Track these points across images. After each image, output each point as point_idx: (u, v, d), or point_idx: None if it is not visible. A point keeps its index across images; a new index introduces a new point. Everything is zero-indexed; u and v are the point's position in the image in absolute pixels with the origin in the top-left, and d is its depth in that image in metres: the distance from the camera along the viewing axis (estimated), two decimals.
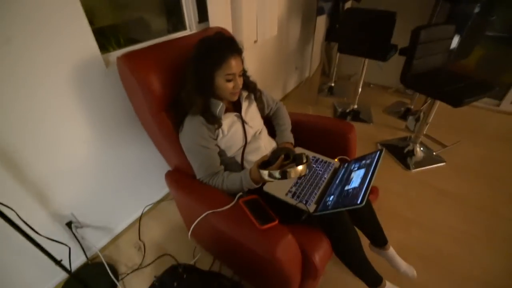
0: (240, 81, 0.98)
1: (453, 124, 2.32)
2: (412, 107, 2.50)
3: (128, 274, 1.30)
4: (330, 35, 2.45)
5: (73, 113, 1.07)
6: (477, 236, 1.42)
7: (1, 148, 0.89)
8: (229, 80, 0.94)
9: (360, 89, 2.38)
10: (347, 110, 2.53)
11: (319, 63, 3.18)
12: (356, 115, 2.48)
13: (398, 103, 2.68)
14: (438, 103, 1.71)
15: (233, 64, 0.92)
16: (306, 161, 0.81)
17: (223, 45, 0.92)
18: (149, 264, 1.34)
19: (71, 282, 1.24)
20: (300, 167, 0.77)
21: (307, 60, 3.03)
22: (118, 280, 1.26)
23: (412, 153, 1.95)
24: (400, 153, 1.99)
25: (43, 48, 0.89)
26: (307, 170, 0.84)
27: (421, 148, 1.99)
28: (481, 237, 1.41)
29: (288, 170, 0.77)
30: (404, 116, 2.47)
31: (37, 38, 0.87)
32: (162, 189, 1.69)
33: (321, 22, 2.50)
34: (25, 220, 0.93)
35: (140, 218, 1.56)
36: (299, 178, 1.04)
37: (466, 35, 1.89)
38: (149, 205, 1.62)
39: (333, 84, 2.95)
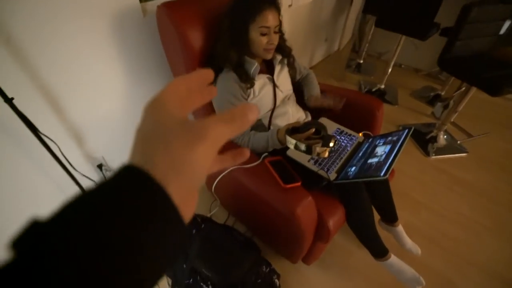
0: (275, 37, 0.96)
1: (483, 115, 2.23)
2: (443, 93, 2.40)
3: None
4: (368, 7, 2.30)
5: (110, 61, 1.09)
6: (487, 226, 1.43)
7: (48, 87, 0.94)
8: (263, 34, 0.94)
9: (390, 69, 2.29)
10: (373, 89, 2.45)
11: (351, 37, 3.03)
12: (381, 95, 2.40)
13: (428, 87, 2.57)
14: (472, 91, 1.63)
15: (269, 17, 0.91)
16: (333, 145, 0.81)
17: None
18: None
19: None
20: (325, 148, 0.79)
21: (338, 32, 2.89)
22: None
23: (434, 139, 1.91)
24: (422, 138, 1.95)
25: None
26: (329, 154, 0.85)
27: (445, 136, 1.94)
28: (490, 228, 1.42)
29: (314, 146, 0.78)
30: (431, 102, 2.38)
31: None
32: None
33: None
34: (65, 155, 1.01)
35: None
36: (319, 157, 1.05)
37: None
38: None
39: (361, 61, 2.83)
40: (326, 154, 0.81)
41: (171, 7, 0.92)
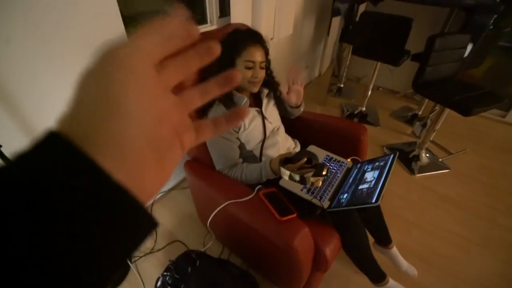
0: (260, 72, 1.02)
1: (458, 132, 2.37)
2: (420, 113, 2.54)
3: (140, 257, 1.35)
4: (344, 37, 2.48)
5: None
6: (475, 241, 1.47)
7: (31, 124, 0.93)
8: (248, 68, 0.99)
9: (369, 92, 2.42)
10: (355, 112, 2.56)
11: (330, 63, 3.21)
12: (363, 117, 2.51)
13: (405, 108, 2.72)
14: (447, 111, 1.75)
15: (254, 52, 0.97)
16: (326, 174, 0.85)
17: (248, 35, 0.99)
18: (160, 249, 1.39)
19: None
20: (318, 178, 0.82)
21: (318, 59, 3.06)
22: (131, 262, 1.32)
23: (417, 158, 2.00)
24: (406, 157, 2.03)
25: (74, 31, 0.93)
26: (322, 182, 0.88)
27: (427, 154, 2.04)
28: (478, 243, 1.47)
29: (307, 176, 0.81)
30: (410, 121, 2.51)
31: (67, 22, 0.90)
32: (174, 177, 1.74)
33: (336, 23, 2.52)
34: None
35: (151, 205, 1.61)
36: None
37: (479, 45, 1.92)
38: (161, 193, 1.67)
39: (342, 85, 2.98)
40: (320, 183, 0.84)
41: None
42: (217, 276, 1.10)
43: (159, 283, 1.06)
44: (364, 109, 2.55)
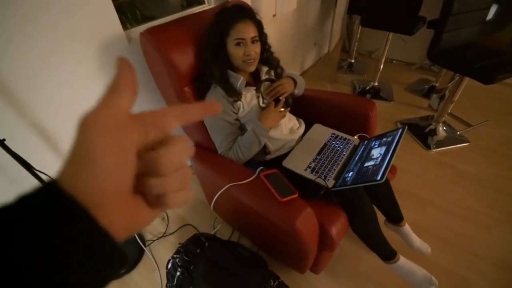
0: (252, 47, 0.96)
1: (481, 103, 2.21)
2: (437, 84, 2.39)
3: (153, 241, 1.40)
4: (352, 8, 2.32)
5: (99, 90, 1.11)
6: (496, 218, 1.40)
7: (39, 122, 0.95)
8: (238, 44, 0.94)
9: (382, 66, 2.29)
10: (367, 88, 2.45)
11: (339, 38, 3.05)
12: (376, 93, 2.40)
13: (422, 80, 2.56)
14: (466, 81, 1.63)
15: (242, 28, 0.93)
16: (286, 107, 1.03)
17: (233, 12, 0.94)
18: (172, 233, 1.43)
19: None
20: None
21: (327, 35, 2.91)
22: (145, 246, 1.37)
23: (434, 132, 1.90)
24: (421, 132, 1.93)
25: (69, 23, 0.92)
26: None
27: (444, 128, 1.92)
28: (500, 219, 1.39)
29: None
30: (427, 94, 2.37)
31: (62, 14, 0.89)
32: None
33: None
34: None
35: None
36: (318, 154, 1.05)
37: (505, 4, 1.74)
38: None
39: (353, 61, 2.84)
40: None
41: (153, 33, 0.94)
42: (226, 258, 1.11)
43: (169, 265, 1.09)
44: (376, 84, 2.42)
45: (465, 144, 1.83)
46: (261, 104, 1.01)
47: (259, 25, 0.99)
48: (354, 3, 2.27)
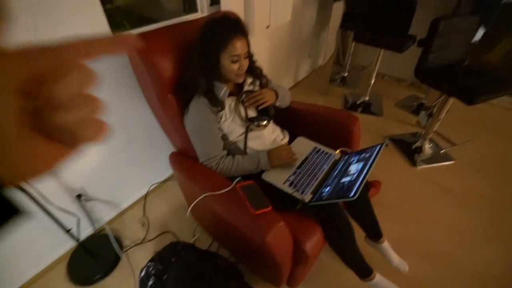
0: (245, 62, 0.99)
1: (467, 121, 2.24)
2: (426, 102, 2.42)
3: (131, 247, 1.37)
4: (346, 23, 2.37)
5: None
6: (477, 236, 1.40)
7: None
8: (234, 61, 0.95)
9: (373, 81, 2.32)
10: (358, 102, 2.47)
11: (333, 51, 3.10)
12: (367, 107, 2.42)
13: (412, 97, 2.60)
14: (451, 100, 1.65)
15: (238, 46, 0.93)
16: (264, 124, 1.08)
17: (228, 27, 0.93)
18: (151, 240, 1.41)
19: (78, 251, 1.33)
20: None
21: (321, 47, 2.96)
22: (122, 251, 1.34)
23: (420, 149, 1.92)
24: (408, 148, 1.95)
25: (55, 25, 0.92)
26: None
27: (430, 145, 1.94)
28: (480, 238, 1.40)
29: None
30: (416, 111, 2.40)
31: (49, 17, 0.89)
32: (168, 169, 1.74)
33: (338, 9, 2.41)
34: (39, 190, 1.00)
35: (146, 196, 1.63)
36: (298, 167, 1.06)
37: (491, 27, 1.78)
38: (155, 183, 1.68)
39: (346, 74, 2.87)
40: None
41: None
42: (202, 268, 1.10)
43: (143, 273, 1.07)
44: (367, 98, 2.45)
45: (450, 162, 1.85)
46: (241, 113, 1.02)
47: (247, 38, 1.00)
48: (347, 19, 2.32)
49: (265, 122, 1.07)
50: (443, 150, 1.92)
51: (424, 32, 1.84)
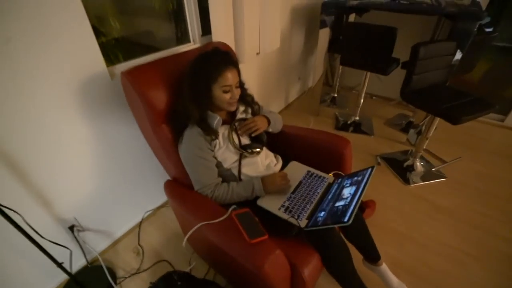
0: (237, 91, 1.03)
1: (455, 139, 2.32)
2: (414, 120, 2.51)
3: (125, 278, 1.33)
4: (332, 47, 2.49)
5: (76, 120, 1.11)
6: (471, 254, 1.41)
7: (4, 151, 0.94)
8: (226, 92, 0.99)
9: (362, 101, 2.40)
10: (349, 122, 2.54)
11: (322, 73, 3.21)
12: (357, 127, 2.49)
13: (400, 115, 2.69)
14: (438, 119, 1.72)
15: (229, 76, 0.98)
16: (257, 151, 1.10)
17: (218, 59, 0.98)
18: (146, 270, 1.37)
19: (71, 284, 1.28)
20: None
21: (310, 70, 3.07)
22: (116, 283, 1.30)
23: (411, 167, 1.96)
24: (400, 167, 1.99)
25: (51, 63, 0.95)
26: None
27: (421, 163, 1.99)
28: (474, 255, 1.40)
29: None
30: (405, 129, 2.47)
31: (46, 52, 0.93)
32: (162, 195, 1.73)
33: (324, 34, 2.54)
34: (29, 223, 0.98)
35: (140, 224, 1.60)
36: (292, 192, 1.07)
37: (468, 50, 1.90)
38: (149, 211, 1.66)
39: (335, 95, 2.97)
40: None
41: (132, 73, 0.98)
42: None
43: None
44: (357, 118, 2.53)
45: (442, 179, 1.89)
46: (235, 141, 1.05)
47: (238, 69, 1.05)
48: (333, 43, 2.44)
49: (258, 149, 1.09)
50: (435, 168, 1.97)
51: (406, 54, 1.95)
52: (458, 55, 1.87)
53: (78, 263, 1.35)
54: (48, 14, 0.89)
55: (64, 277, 1.30)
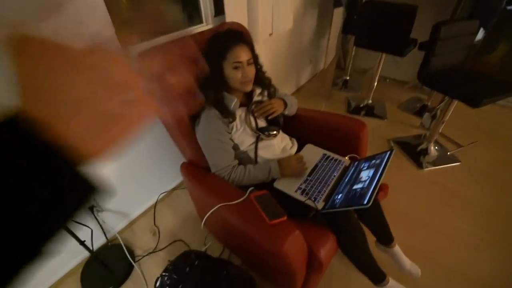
0: (249, 70, 1.01)
1: (472, 123, 2.26)
2: (429, 103, 2.44)
3: (143, 256, 1.39)
4: (347, 28, 2.40)
5: None
6: (485, 239, 1.41)
7: None
8: (236, 68, 0.98)
9: (375, 84, 2.35)
10: (361, 105, 2.50)
11: (334, 56, 3.13)
12: (370, 111, 2.45)
13: (414, 99, 2.62)
14: (455, 102, 1.67)
15: (239, 52, 0.97)
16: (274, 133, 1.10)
17: (228, 37, 0.99)
18: (162, 249, 1.42)
19: (92, 262, 1.34)
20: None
21: (322, 52, 2.99)
22: (134, 261, 1.35)
23: (425, 151, 1.93)
24: (413, 151, 1.96)
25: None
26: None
27: (436, 147, 1.96)
28: (490, 242, 1.40)
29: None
30: (419, 112, 2.42)
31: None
32: (176, 177, 1.76)
33: (338, 14, 2.45)
34: None
35: (155, 205, 1.64)
36: (309, 175, 1.07)
37: (491, 30, 1.81)
38: (164, 192, 1.69)
39: (348, 78, 2.90)
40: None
41: (149, 54, 0.96)
42: (215, 276, 1.11)
43: (158, 283, 1.08)
44: (370, 101, 2.47)
45: (456, 164, 1.86)
46: (252, 124, 1.04)
47: (252, 48, 1.03)
48: (348, 24, 2.35)
49: (275, 132, 1.09)
50: (450, 152, 1.93)
51: (423, 35, 1.87)
52: (480, 35, 1.79)
53: (98, 241, 1.41)
54: None
55: (85, 254, 1.35)
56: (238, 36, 0.99)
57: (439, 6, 2.32)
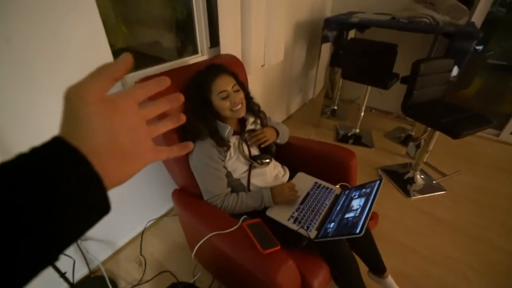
0: (236, 95, 1.04)
1: (453, 152, 2.36)
2: (413, 133, 2.56)
3: None
4: (334, 61, 2.55)
5: None
6: (473, 266, 1.42)
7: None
8: (224, 98, 1.02)
9: (362, 114, 2.45)
10: (349, 134, 2.58)
11: (323, 86, 3.28)
12: (357, 139, 2.53)
13: (399, 128, 2.74)
14: (438, 133, 1.77)
15: (221, 82, 1.02)
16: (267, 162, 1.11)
17: (209, 72, 1.04)
18: (148, 280, 1.35)
19: None
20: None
21: (311, 82, 3.13)
22: None
23: (412, 180, 1.99)
24: (401, 179, 2.02)
25: (69, 69, 0.97)
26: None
27: (422, 176, 2.02)
28: (476, 268, 1.42)
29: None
30: (404, 142, 2.52)
31: (62, 60, 0.95)
32: (164, 204, 1.72)
33: (326, 49, 2.61)
34: None
35: (142, 233, 1.59)
36: (301, 203, 1.08)
37: (465, 68, 1.97)
38: (152, 220, 1.64)
39: (335, 107, 3.02)
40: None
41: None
42: None
43: None
44: (357, 130, 2.57)
45: (441, 192, 1.92)
46: (245, 152, 1.06)
47: (234, 75, 1.08)
48: (335, 58, 2.50)
49: (268, 160, 1.11)
50: (435, 181, 2.00)
51: (405, 70, 2.01)
52: (455, 72, 1.94)
53: (80, 272, 1.33)
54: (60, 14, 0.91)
55: (65, 286, 1.26)
56: (218, 68, 1.04)
57: (418, 45, 2.52)
